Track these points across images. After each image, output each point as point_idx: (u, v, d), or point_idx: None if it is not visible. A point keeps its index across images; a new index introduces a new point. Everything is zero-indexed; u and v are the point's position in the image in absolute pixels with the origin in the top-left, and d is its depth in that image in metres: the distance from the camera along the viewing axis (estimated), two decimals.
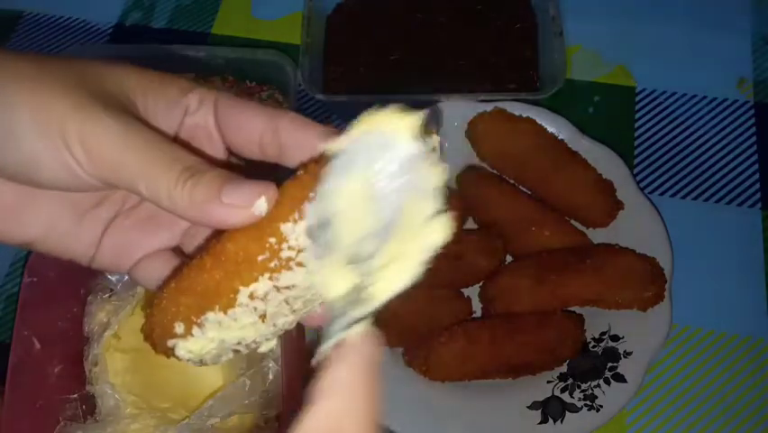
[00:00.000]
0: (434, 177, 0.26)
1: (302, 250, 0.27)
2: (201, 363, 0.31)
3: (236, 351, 0.31)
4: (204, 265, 0.28)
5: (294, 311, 0.30)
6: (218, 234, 0.29)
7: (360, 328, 0.26)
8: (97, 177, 0.28)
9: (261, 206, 0.27)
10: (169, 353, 0.30)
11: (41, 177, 0.29)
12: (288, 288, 0.28)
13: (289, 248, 0.27)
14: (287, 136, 0.30)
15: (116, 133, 0.28)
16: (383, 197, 0.26)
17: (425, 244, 0.27)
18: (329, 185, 0.26)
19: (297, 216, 0.27)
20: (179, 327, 0.29)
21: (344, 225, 0.27)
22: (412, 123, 0.26)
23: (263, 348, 0.32)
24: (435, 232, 0.27)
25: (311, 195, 0.27)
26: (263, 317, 0.29)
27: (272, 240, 0.27)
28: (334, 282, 0.27)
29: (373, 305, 0.27)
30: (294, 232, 0.27)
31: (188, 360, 0.30)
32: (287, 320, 0.30)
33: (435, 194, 0.26)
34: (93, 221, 0.33)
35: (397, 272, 0.27)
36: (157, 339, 0.31)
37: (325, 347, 0.26)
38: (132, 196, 0.34)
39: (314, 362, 0.25)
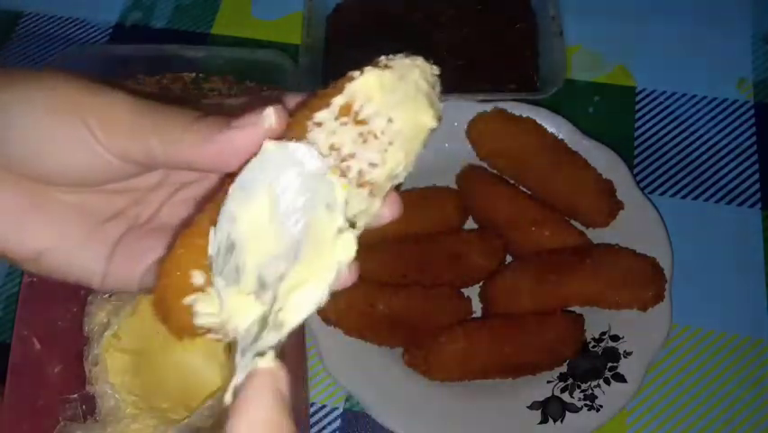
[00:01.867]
0: (338, 192, 0.26)
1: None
2: (224, 330, 0.28)
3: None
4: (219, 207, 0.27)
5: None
6: (227, 180, 0.28)
7: (270, 359, 0.24)
8: (114, 147, 0.29)
9: (270, 116, 0.27)
10: (187, 322, 0.28)
11: (58, 160, 0.29)
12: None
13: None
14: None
15: (128, 101, 0.29)
16: (287, 216, 0.25)
17: (332, 263, 0.26)
18: (230, 208, 0.26)
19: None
20: (198, 277, 0.27)
21: (250, 249, 0.26)
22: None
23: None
24: (342, 250, 0.26)
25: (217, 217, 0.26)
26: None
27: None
28: (243, 311, 0.26)
29: (283, 331, 0.25)
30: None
31: (210, 328, 0.28)
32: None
33: (340, 209, 0.26)
34: (104, 234, 0.32)
35: (306, 295, 0.25)
36: (171, 301, 0.28)
37: (237, 381, 0.24)
38: (143, 211, 0.33)
39: (227, 398, 0.24)
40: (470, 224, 0.66)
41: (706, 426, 0.59)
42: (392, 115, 0.28)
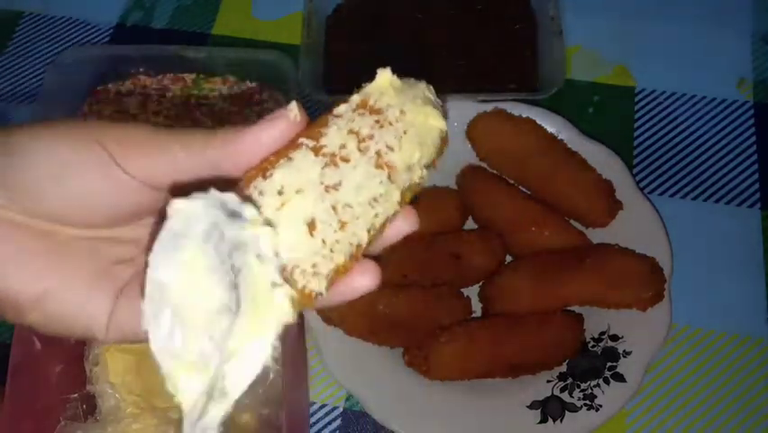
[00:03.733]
0: (263, 243, 0.25)
1: (345, 146, 0.28)
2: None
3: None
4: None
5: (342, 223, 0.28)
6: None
7: None
8: (135, 166, 0.28)
9: (294, 109, 0.28)
10: None
11: (75, 188, 0.28)
12: (335, 187, 0.28)
13: (333, 146, 0.28)
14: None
15: (145, 126, 0.29)
16: (218, 268, 0.25)
17: (270, 321, 0.25)
18: (154, 275, 0.24)
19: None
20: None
21: (187, 313, 0.25)
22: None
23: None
24: (277, 308, 0.25)
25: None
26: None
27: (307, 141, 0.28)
28: (186, 384, 0.25)
29: (228, 401, 0.24)
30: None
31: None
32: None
33: (271, 262, 0.25)
34: (112, 277, 0.31)
35: (247, 358, 0.24)
36: None
37: None
38: None
39: None
40: (470, 224, 0.66)
41: (705, 425, 0.59)
42: (404, 107, 0.30)
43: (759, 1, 0.79)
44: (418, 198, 0.67)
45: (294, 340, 0.55)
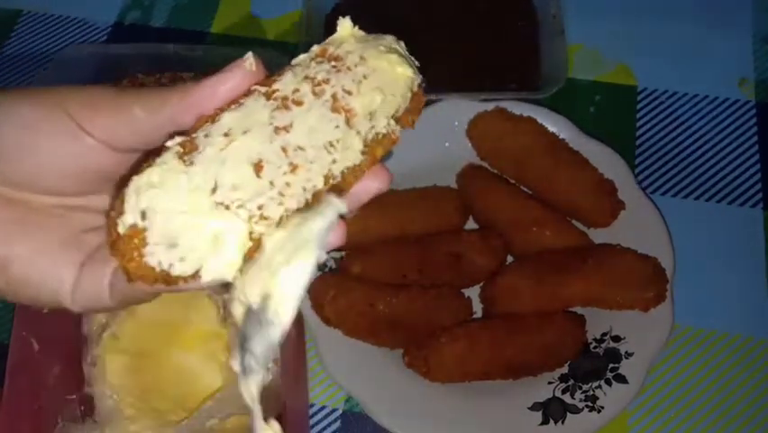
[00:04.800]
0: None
1: (299, 90, 0.28)
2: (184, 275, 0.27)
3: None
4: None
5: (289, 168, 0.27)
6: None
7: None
8: (99, 129, 0.29)
9: (249, 58, 0.28)
10: (137, 257, 0.26)
11: (44, 154, 0.29)
12: (285, 129, 0.27)
13: (287, 91, 0.28)
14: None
15: (108, 88, 0.29)
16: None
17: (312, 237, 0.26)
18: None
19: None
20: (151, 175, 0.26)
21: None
22: None
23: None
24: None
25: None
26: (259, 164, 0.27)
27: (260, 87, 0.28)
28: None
29: (280, 323, 0.26)
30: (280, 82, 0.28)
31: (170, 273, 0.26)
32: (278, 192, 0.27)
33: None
34: (80, 243, 0.31)
35: (293, 272, 0.25)
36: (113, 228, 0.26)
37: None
38: None
39: None
40: (470, 224, 0.65)
41: (708, 426, 0.59)
42: (364, 54, 0.29)
43: (760, 1, 0.78)
44: (417, 197, 0.67)
45: (293, 342, 0.55)
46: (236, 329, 0.27)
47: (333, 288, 0.58)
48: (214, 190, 0.26)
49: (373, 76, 0.29)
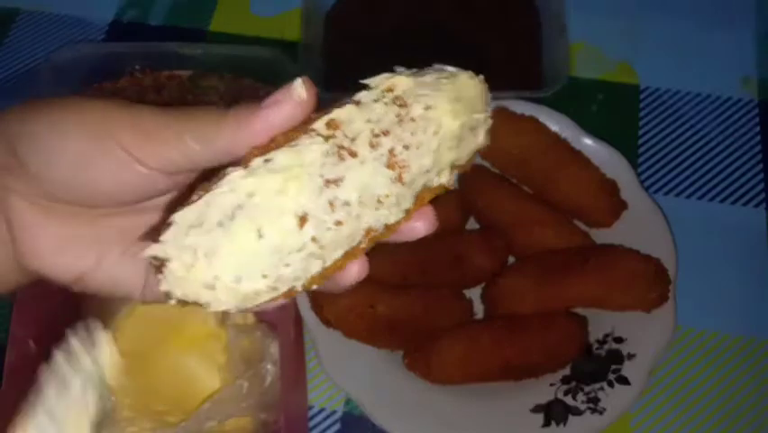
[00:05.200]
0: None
1: (356, 138, 0.27)
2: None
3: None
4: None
5: (336, 226, 0.27)
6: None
7: None
8: (152, 160, 0.29)
9: (298, 88, 0.27)
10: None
11: (100, 184, 0.29)
12: (336, 182, 0.26)
13: (344, 135, 0.27)
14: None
15: (154, 112, 0.29)
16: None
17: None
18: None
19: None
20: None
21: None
22: None
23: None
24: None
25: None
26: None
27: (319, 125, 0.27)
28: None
29: None
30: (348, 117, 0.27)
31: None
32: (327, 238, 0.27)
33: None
34: (141, 248, 0.32)
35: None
36: None
37: None
38: None
39: None
40: (471, 224, 0.65)
41: (710, 428, 0.59)
42: (431, 103, 0.28)
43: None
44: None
45: (292, 343, 0.55)
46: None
47: None
48: (258, 237, 0.26)
49: (434, 127, 0.28)
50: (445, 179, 0.29)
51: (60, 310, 0.58)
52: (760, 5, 0.78)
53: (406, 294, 0.58)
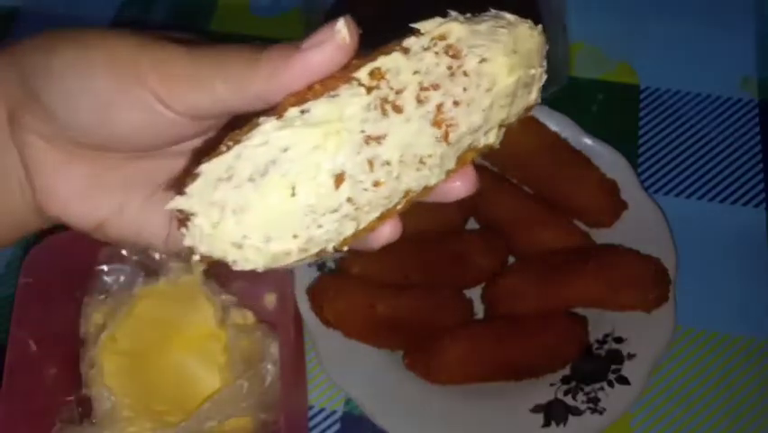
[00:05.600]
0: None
1: (402, 91, 0.24)
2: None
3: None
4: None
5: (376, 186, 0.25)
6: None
7: None
8: (179, 104, 0.27)
9: (342, 30, 0.24)
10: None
11: (123, 126, 0.28)
12: (377, 140, 0.24)
13: (389, 87, 0.24)
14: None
15: (184, 51, 0.27)
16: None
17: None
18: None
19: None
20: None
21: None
22: None
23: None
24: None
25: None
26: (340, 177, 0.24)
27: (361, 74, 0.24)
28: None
29: None
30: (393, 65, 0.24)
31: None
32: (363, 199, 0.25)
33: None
34: (164, 196, 0.31)
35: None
36: None
37: None
38: None
39: None
40: (471, 224, 0.65)
41: (711, 428, 0.59)
42: (487, 55, 0.25)
43: None
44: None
45: (292, 343, 0.55)
46: None
47: (332, 289, 0.58)
48: (292, 195, 0.24)
49: (490, 88, 0.25)
50: (493, 138, 0.27)
51: (60, 310, 0.58)
52: (760, 6, 0.78)
53: (406, 294, 0.58)
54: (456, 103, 0.25)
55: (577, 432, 0.55)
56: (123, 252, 0.58)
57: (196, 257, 0.25)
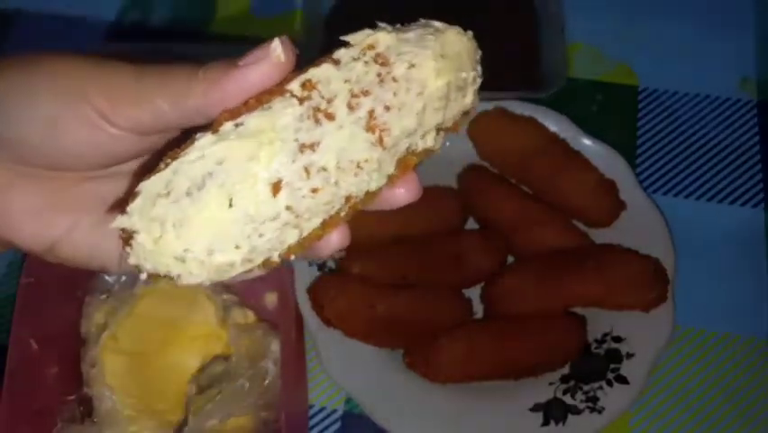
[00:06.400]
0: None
1: (333, 99, 0.25)
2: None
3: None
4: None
5: (314, 192, 0.25)
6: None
7: None
8: (122, 119, 0.27)
9: (276, 48, 0.26)
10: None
11: (69, 144, 0.28)
12: (312, 147, 0.25)
13: (320, 96, 0.25)
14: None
15: (129, 68, 0.28)
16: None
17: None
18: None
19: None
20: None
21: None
22: None
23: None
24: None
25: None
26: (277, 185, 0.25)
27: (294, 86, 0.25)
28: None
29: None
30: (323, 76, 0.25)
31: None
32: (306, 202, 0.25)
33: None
34: (112, 219, 0.32)
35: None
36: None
37: None
38: None
39: None
40: (471, 224, 0.65)
41: (710, 427, 0.59)
42: (415, 61, 0.26)
43: (762, 0, 0.78)
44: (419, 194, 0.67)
45: (293, 343, 0.55)
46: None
47: (332, 288, 0.58)
48: (230, 206, 0.25)
49: (418, 87, 0.26)
50: (431, 142, 0.28)
51: (62, 310, 0.58)
52: (759, 6, 0.78)
53: (406, 294, 0.59)
54: (387, 108, 0.26)
55: (576, 431, 0.55)
56: None
57: (143, 275, 0.26)
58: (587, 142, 0.65)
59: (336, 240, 0.28)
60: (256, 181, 0.25)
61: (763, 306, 0.63)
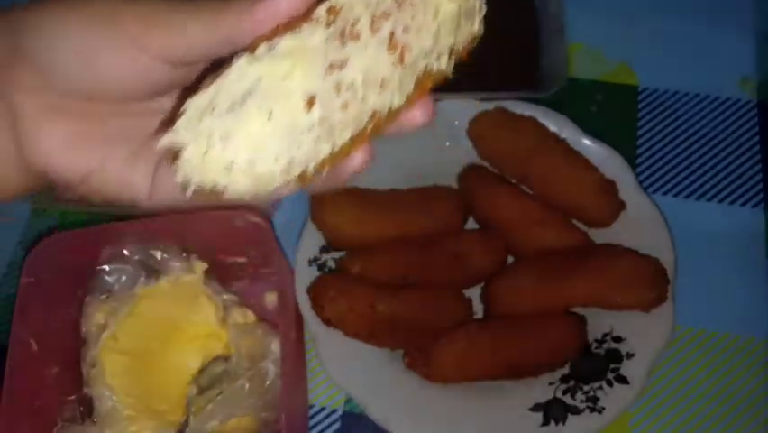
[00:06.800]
0: None
1: (356, 23, 0.27)
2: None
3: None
4: None
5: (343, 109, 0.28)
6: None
7: None
8: (154, 47, 0.28)
9: None
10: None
11: (101, 72, 0.29)
12: (340, 65, 0.27)
13: (344, 20, 0.27)
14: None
15: (162, 4, 0.29)
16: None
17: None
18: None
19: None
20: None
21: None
22: None
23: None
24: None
25: None
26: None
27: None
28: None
29: None
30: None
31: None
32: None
33: None
34: (149, 151, 0.32)
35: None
36: None
37: None
38: None
39: None
40: (471, 224, 0.65)
41: (709, 427, 0.59)
42: None
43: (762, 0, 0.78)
44: (417, 197, 0.67)
45: (293, 342, 0.55)
46: None
47: (332, 288, 0.58)
48: (269, 120, 0.27)
49: (435, 15, 0.29)
50: (444, 64, 0.30)
51: (62, 310, 0.58)
52: (759, 6, 0.78)
53: (406, 294, 0.59)
54: (406, 29, 0.28)
55: (576, 431, 0.55)
56: (125, 251, 0.58)
57: (189, 191, 0.28)
58: (587, 142, 0.65)
59: (360, 159, 0.30)
60: (292, 97, 0.27)
61: (762, 306, 0.63)
